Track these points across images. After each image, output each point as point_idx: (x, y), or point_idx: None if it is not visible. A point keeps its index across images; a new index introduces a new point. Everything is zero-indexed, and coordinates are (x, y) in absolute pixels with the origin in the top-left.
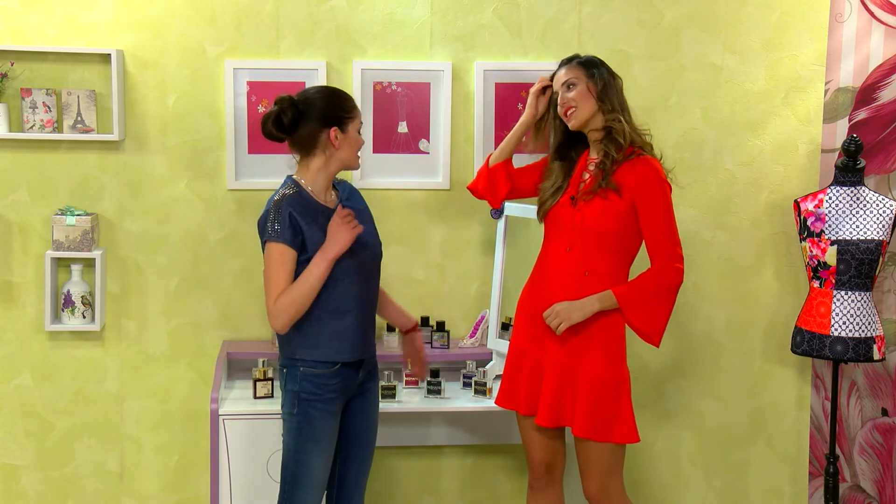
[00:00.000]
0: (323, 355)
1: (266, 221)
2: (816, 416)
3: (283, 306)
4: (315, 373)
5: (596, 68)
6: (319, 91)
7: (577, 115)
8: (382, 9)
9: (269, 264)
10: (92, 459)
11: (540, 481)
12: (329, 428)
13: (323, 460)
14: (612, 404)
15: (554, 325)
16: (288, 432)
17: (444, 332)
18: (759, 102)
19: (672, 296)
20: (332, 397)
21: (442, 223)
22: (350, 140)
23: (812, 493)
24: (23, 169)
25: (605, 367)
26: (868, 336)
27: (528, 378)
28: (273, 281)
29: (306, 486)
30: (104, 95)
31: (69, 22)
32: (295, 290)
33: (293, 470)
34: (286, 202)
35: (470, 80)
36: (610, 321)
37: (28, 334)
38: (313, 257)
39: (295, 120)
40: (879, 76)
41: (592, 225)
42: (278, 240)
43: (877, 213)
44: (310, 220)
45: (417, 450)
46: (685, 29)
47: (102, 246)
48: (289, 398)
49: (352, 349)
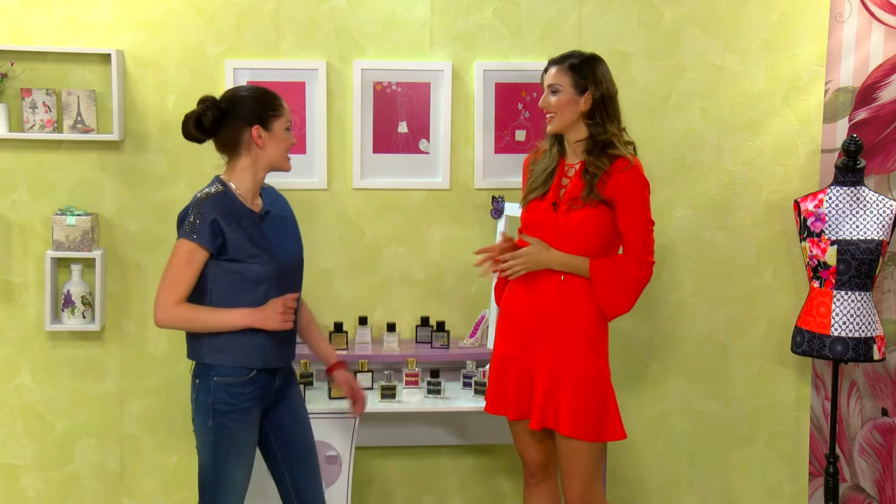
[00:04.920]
0: (236, 361)
1: (185, 218)
2: (816, 416)
3: (178, 318)
4: (230, 381)
5: (585, 78)
6: (243, 89)
7: (554, 122)
8: (382, 9)
9: (176, 261)
10: (92, 459)
11: (535, 478)
12: (249, 437)
13: (244, 470)
14: (601, 402)
15: (516, 269)
16: (204, 446)
17: (444, 332)
18: (759, 102)
19: (635, 287)
20: (249, 406)
21: (442, 223)
22: (276, 138)
23: (812, 493)
24: (23, 169)
25: (593, 366)
26: (868, 336)
27: (515, 383)
28: (174, 278)
29: (228, 497)
30: (104, 95)
31: (69, 22)
32: (199, 317)
33: (213, 482)
34: (210, 203)
35: (470, 80)
36: (595, 319)
37: (28, 334)
38: (244, 310)
39: (216, 120)
40: (879, 76)
41: (576, 232)
42: (192, 239)
43: (877, 213)
44: (233, 222)
45: (417, 450)
46: (685, 29)
47: (102, 246)
48: (201, 410)
49: (267, 357)
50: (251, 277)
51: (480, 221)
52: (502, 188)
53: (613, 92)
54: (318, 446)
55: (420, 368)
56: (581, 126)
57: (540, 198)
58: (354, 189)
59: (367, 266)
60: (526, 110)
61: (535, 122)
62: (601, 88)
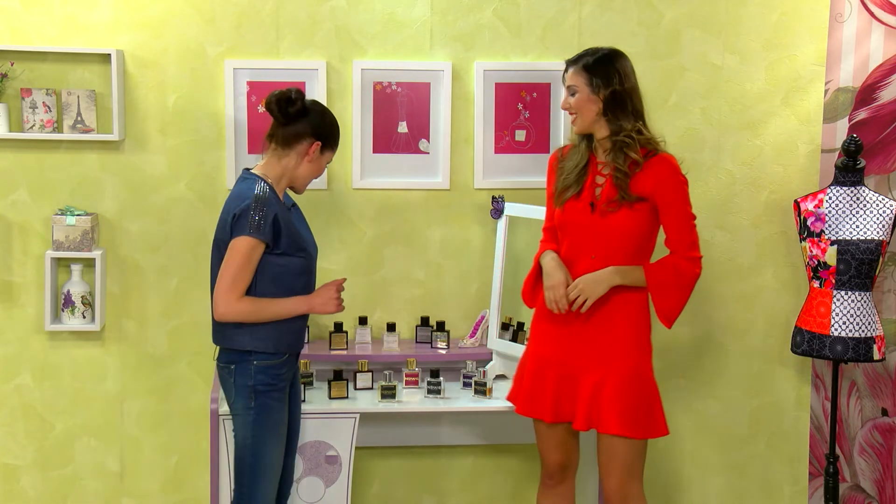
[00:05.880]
0: (277, 346)
1: (246, 216)
2: (816, 416)
3: (243, 312)
4: (269, 364)
5: (601, 77)
6: (326, 109)
7: (577, 123)
8: (382, 9)
9: (239, 258)
10: (92, 459)
11: (553, 479)
12: (284, 416)
13: (280, 449)
14: (645, 399)
15: (579, 303)
16: (244, 427)
17: (444, 332)
18: (759, 102)
19: (690, 283)
20: (284, 385)
21: (442, 223)
22: (318, 164)
23: (812, 493)
24: (23, 169)
25: (638, 363)
26: (868, 336)
27: (556, 386)
28: (239, 274)
29: (266, 476)
30: (104, 95)
31: (69, 22)
32: (263, 308)
33: (253, 463)
34: (270, 202)
35: (470, 80)
36: (638, 315)
37: (28, 334)
38: (300, 298)
39: (298, 113)
40: (879, 76)
41: (615, 233)
42: (258, 236)
43: (877, 213)
44: (286, 220)
45: (417, 450)
46: (685, 29)
47: (102, 246)
48: (243, 393)
49: (298, 341)
50: (295, 269)
51: (480, 221)
52: (502, 188)
53: (629, 87)
54: (318, 446)
55: (420, 368)
56: (603, 124)
57: (576, 197)
58: (354, 189)
59: (367, 266)
60: (526, 110)
61: (535, 122)
62: (612, 85)
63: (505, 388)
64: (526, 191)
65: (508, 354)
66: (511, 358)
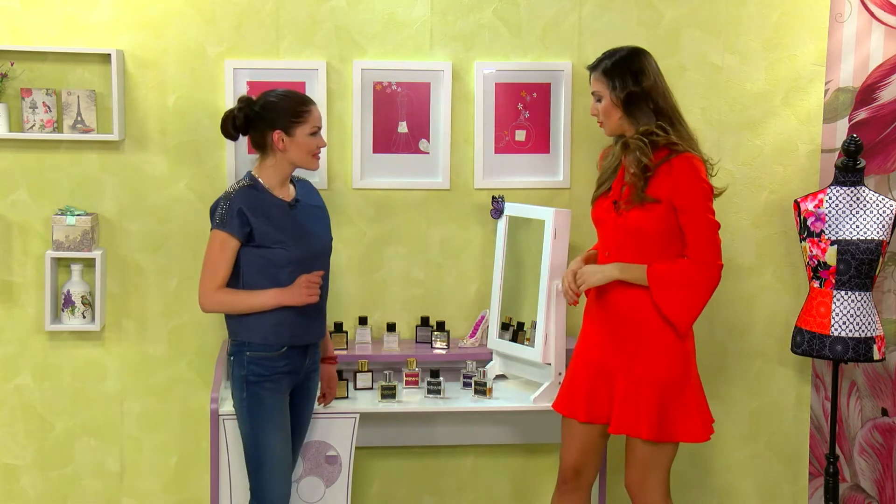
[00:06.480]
0: (269, 338)
1: (216, 210)
2: (816, 416)
3: (218, 303)
4: (263, 356)
5: (619, 78)
6: (273, 94)
7: (605, 128)
8: (382, 9)
9: (211, 250)
10: (92, 459)
11: (567, 484)
12: (280, 406)
13: (280, 439)
14: (674, 402)
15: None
16: (241, 418)
17: (444, 332)
18: (759, 102)
19: (699, 287)
20: (280, 377)
21: (442, 223)
22: (297, 143)
23: (812, 493)
24: (23, 169)
25: (666, 369)
26: (868, 336)
27: (590, 385)
28: (212, 267)
29: (271, 467)
30: (104, 95)
31: (69, 22)
32: (237, 300)
33: (254, 455)
34: (237, 195)
35: (470, 80)
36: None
37: (28, 334)
38: (274, 290)
39: (247, 121)
40: (879, 76)
41: (632, 232)
42: (223, 228)
43: (877, 213)
44: (259, 212)
45: (417, 450)
46: (685, 29)
47: (102, 246)
48: (237, 384)
49: (295, 333)
50: (277, 261)
51: (480, 221)
52: (502, 188)
53: (648, 86)
54: (318, 446)
55: (420, 368)
56: (627, 125)
57: (604, 195)
58: (354, 189)
59: (366, 266)
60: (526, 110)
61: (535, 122)
62: (628, 87)
63: (505, 389)
64: (526, 191)
65: (508, 354)
66: (511, 358)
